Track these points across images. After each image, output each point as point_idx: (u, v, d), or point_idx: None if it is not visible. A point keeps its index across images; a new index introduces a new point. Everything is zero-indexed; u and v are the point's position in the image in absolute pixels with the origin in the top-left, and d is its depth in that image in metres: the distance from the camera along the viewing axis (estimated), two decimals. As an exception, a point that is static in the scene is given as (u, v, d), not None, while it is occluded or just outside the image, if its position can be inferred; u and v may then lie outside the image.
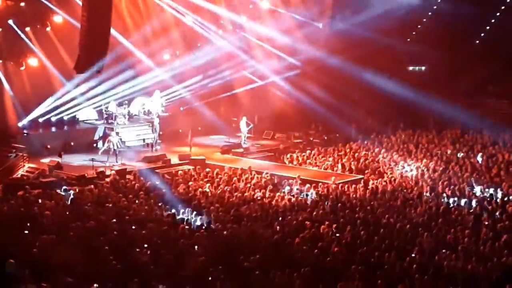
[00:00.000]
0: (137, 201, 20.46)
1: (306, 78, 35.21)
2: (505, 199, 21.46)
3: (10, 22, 28.34)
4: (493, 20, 37.74)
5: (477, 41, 38.12)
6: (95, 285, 13.42)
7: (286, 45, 34.89)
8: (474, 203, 21.05)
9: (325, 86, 33.81)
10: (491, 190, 22.74)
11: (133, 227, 17.95)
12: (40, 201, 20.23)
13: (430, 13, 38.02)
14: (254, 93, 35.43)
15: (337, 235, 17.35)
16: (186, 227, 17.73)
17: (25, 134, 29.24)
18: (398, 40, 35.39)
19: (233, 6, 33.46)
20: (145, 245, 16.02)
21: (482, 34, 38.01)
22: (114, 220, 18.43)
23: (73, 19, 28.31)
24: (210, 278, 14.12)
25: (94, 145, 30.10)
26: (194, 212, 19.02)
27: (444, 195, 22.07)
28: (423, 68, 39.18)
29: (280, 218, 19.00)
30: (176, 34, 32.58)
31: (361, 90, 34.30)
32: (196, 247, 16.32)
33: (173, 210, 19.62)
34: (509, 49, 34.96)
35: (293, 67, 35.67)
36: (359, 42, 33.30)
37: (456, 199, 21.65)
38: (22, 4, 28.14)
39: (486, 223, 18.58)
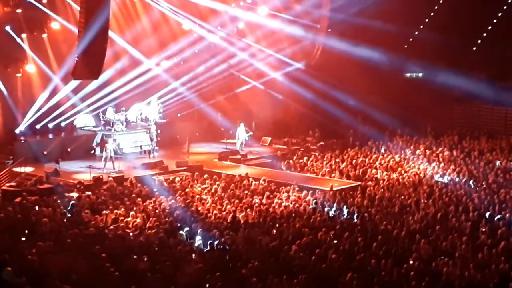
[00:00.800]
0: (134, 208, 20.45)
1: (306, 74, 35.27)
2: (503, 205, 21.44)
3: (7, 28, 28.38)
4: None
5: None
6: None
7: (284, 38, 34.97)
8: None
9: (326, 82, 33.95)
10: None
11: (131, 234, 17.96)
12: (37, 208, 20.21)
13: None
14: (252, 97, 35.43)
15: (335, 242, 17.36)
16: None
17: (22, 141, 29.20)
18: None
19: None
20: (143, 253, 15.99)
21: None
22: (112, 227, 18.44)
23: (71, 25, 28.44)
24: (207, 286, 14.12)
25: (92, 151, 30.09)
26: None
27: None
28: (420, 74, 39.26)
29: (278, 225, 18.97)
30: (169, 32, 32.58)
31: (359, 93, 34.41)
32: (193, 254, 16.33)
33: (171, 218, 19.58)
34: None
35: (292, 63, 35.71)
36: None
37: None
38: (19, 10, 28.17)
39: (484, 229, 18.58)
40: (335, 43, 33.97)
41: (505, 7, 37.68)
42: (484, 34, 38.39)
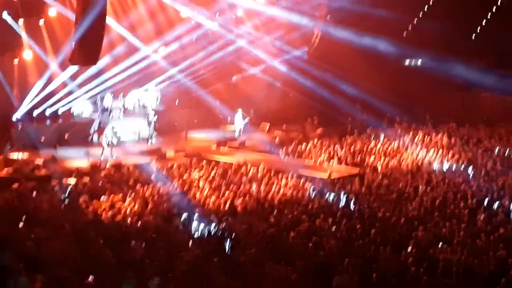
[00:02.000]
0: (132, 195, 20.41)
1: (305, 61, 35.19)
2: (501, 193, 21.42)
3: (4, 14, 28.20)
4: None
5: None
6: (90, 277, 13.35)
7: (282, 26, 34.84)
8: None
9: (324, 70, 33.85)
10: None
11: (128, 220, 17.93)
12: (34, 194, 20.17)
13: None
14: (250, 85, 35.30)
15: (333, 228, 17.32)
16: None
17: (19, 128, 29.10)
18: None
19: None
20: (140, 239, 15.96)
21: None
22: (109, 213, 18.41)
23: (68, 11, 28.25)
24: (205, 272, 14.10)
25: (89, 138, 30.00)
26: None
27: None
28: (419, 62, 39.14)
29: (276, 212, 18.94)
30: (166, 18, 32.39)
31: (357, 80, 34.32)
32: (191, 241, 16.30)
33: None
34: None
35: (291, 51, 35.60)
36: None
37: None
38: (16, -4, 28.02)
39: (482, 216, 18.56)
40: (334, 30, 33.85)
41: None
42: (484, 23, 38.23)
